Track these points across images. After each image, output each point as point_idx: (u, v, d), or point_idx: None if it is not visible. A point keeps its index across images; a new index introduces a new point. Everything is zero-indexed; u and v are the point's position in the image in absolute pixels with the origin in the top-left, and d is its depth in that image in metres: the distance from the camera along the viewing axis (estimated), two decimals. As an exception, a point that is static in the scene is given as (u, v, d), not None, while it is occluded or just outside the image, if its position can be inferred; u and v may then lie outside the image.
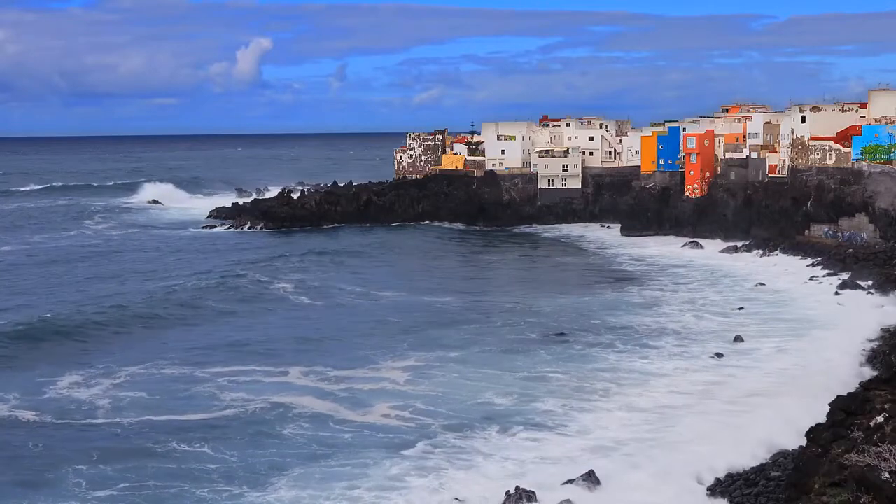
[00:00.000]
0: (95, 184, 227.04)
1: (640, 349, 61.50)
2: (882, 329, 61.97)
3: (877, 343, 58.65)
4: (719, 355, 59.19)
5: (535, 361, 58.48)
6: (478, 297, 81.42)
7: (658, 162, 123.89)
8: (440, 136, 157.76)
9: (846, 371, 52.63)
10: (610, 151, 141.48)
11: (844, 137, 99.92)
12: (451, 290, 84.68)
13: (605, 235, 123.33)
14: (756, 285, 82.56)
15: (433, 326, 69.20)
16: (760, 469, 38.57)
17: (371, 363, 58.87)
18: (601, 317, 71.58)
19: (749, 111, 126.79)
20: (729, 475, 38.52)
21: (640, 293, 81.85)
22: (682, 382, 53.47)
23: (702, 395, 50.82)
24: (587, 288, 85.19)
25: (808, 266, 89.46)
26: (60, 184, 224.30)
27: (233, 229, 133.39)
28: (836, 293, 76.08)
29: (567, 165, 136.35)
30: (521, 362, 58.35)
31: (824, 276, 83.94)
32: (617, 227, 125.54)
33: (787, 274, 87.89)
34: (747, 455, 40.30)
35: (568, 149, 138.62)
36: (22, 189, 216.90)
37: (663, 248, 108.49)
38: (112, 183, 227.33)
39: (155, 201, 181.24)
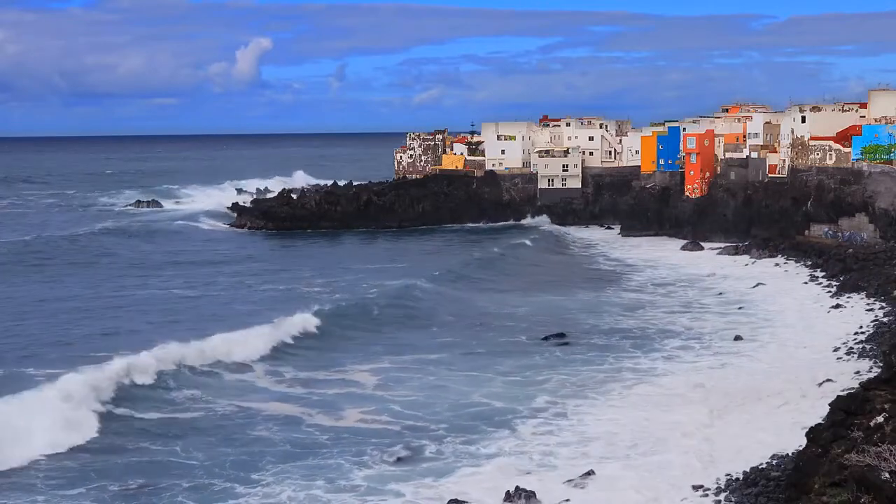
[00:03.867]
0: (72, 189, 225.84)
1: (639, 349, 61.45)
2: (882, 329, 61.99)
3: (876, 343, 58.61)
4: (719, 355, 59.24)
5: (535, 362, 58.45)
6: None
7: (658, 162, 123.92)
8: (440, 136, 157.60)
9: (846, 371, 52.69)
10: (610, 151, 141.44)
11: (844, 137, 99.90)
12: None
13: (604, 236, 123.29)
14: (756, 285, 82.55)
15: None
16: (760, 469, 38.55)
17: (339, 365, 58.02)
18: (600, 317, 71.53)
19: (749, 111, 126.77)
20: (729, 475, 38.51)
21: (639, 293, 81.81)
22: (681, 382, 53.42)
23: (701, 395, 50.74)
24: (587, 288, 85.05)
25: (807, 266, 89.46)
26: (56, 190, 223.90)
27: (233, 229, 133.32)
28: (836, 293, 76.06)
29: (567, 165, 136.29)
30: (522, 362, 58.31)
31: (824, 277, 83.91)
32: (617, 227, 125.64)
33: (787, 274, 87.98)
34: (747, 455, 40.29)
35: (568, 149, 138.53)
36: (25, 190, 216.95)
37: (663, 249, 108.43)
38: (125, 188, 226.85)
39: (155, 202, 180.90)
